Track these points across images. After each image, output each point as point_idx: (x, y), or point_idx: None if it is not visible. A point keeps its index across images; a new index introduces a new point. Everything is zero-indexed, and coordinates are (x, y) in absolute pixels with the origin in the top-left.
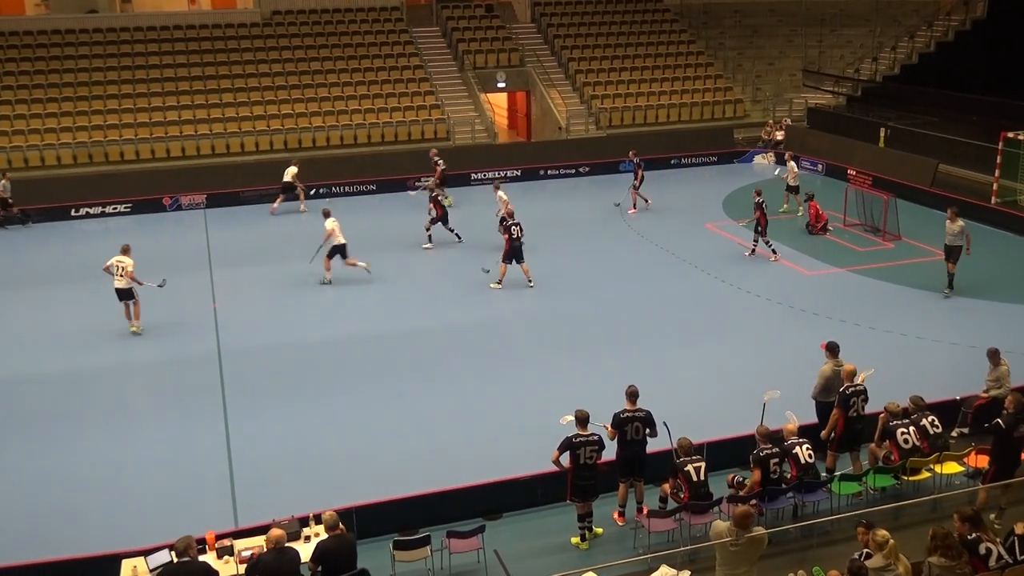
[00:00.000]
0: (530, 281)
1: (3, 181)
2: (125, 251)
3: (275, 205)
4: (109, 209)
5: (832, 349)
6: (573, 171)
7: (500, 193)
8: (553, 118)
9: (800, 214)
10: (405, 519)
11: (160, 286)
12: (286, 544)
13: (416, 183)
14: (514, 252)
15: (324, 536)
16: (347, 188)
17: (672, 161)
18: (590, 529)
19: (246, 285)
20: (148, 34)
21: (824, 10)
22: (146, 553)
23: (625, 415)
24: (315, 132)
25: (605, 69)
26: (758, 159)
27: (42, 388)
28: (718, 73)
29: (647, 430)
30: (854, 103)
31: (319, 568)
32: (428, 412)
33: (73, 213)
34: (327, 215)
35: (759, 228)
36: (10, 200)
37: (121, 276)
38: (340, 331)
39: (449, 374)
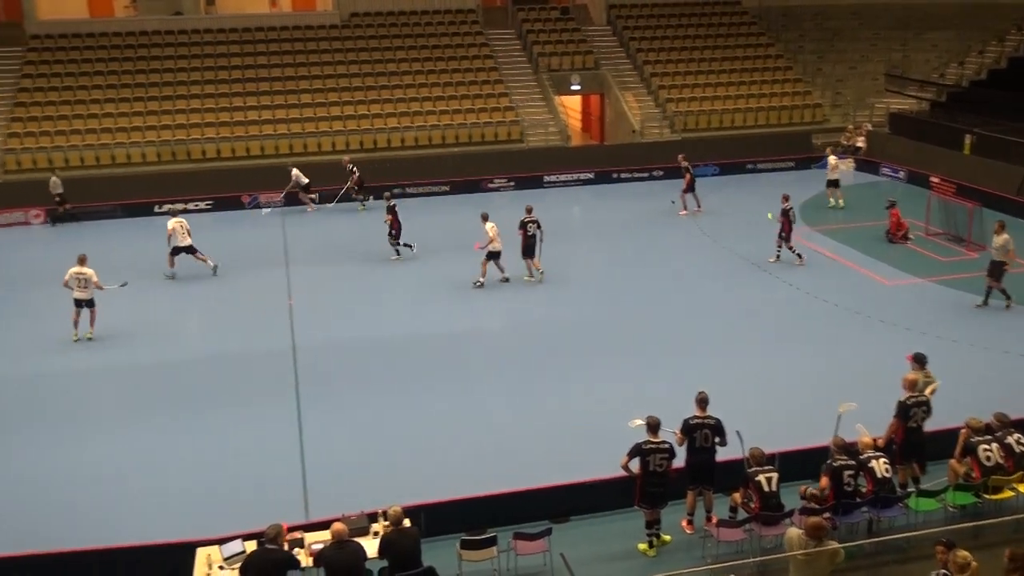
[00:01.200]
0: (531, 275)
1: (54, 178)
2: (82, 261)
3: (310, 208)
4: (191, 206)
5: (919, 360)
6: (647, 175)
7: (488, 225)
8: (627, 121)
9: (838, 206)
10: (472, 518)
11: (122, 286)
12: (350, 539)
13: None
14: (528, 248)
15: (390, 529)
16: (421, 189)
17: (748, 166)
18: (658, 536)
19: (322, 282)
20: (230, 35)
21: (909, 13)
22: (220, 542)
23: (694, 421)
24: (390, 133)
25: (681, 72)
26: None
27: (133, 377)
28: (797, 77)
29: (716, 438)
30: (938, 109)
31: (385, 561)
32: (497, 411)
33: (156, 209)
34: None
35: (783, 234)
36: (57, 197)
37: (83, 288)
38: (413, 329)
39: (520, 374)
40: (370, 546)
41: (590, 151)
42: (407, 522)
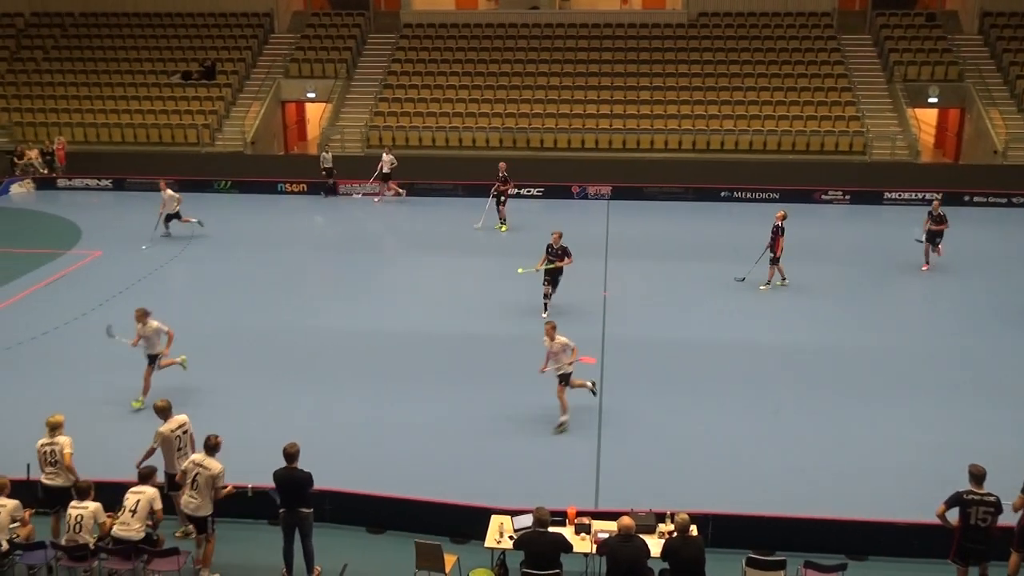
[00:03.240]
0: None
1: (325, 154)
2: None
3: (377, 198)
4: (523, 191)
5: None
6: (1004, 200)
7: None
8: (989, 140)
9: None
10: (762, 537)
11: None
12: (636, 534)
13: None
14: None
15: (675, 535)
16: (747, 194)
17: None
18: None
19: (637, 277)
20: (580, 31)
21: None
22: (514, 514)
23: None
24: (724, 135)
25: None
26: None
27: (437, 345)
28: None
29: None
30: None
31: (666, 564)
32: (798, 430)
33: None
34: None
35: (774, 254)
36: (324, 172)
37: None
38: (721, 335)
39: (831, 395)
40: (654, 545)
41: (941, 169)
42: (694, 530)
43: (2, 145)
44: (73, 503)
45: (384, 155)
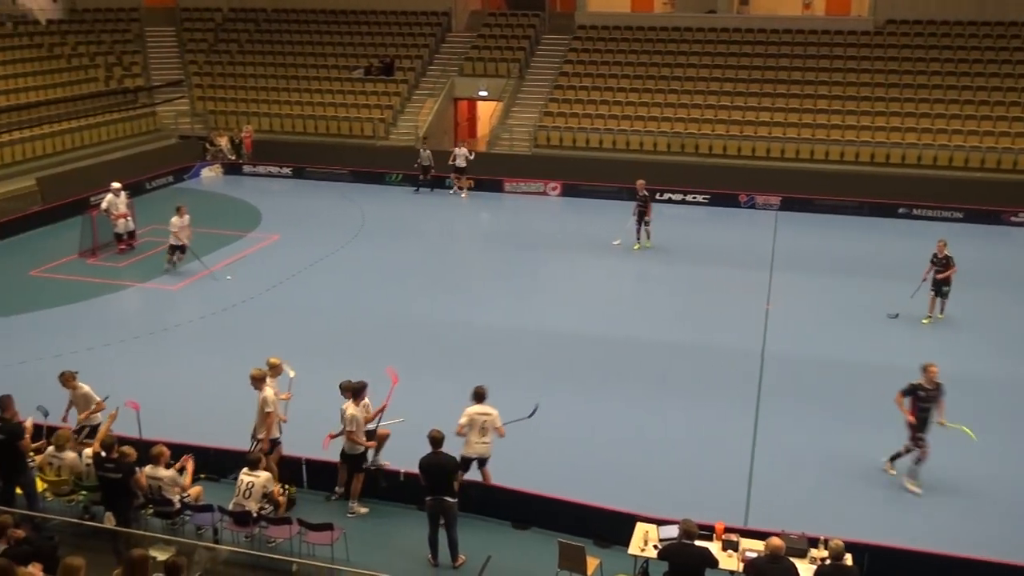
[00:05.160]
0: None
1: (424, 151)
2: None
3: (464, 194)
4: (689, 198)
5: None
6: None
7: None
8: None
9: None
10: (921, 575)
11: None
12: (785, 556)
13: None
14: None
15: (827, 562)
16: (928, 212)
17: None
18: None
19: (803, 292)
20: (758, 36)
21: None
22: (659, 523)
23: None
24: (906, 148)
25: None
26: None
27: (596, 347)
28: None
29: None
30: None
31: None
32: (971, 466)
33: (656, 197)
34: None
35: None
36: (424, 168)
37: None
38: (888, 358)
39: (1009, 429)
40: (804, 570)
41: None
42: (848, 559)
43: (197, 132)
44: (245, 470)
45: (457, 148)
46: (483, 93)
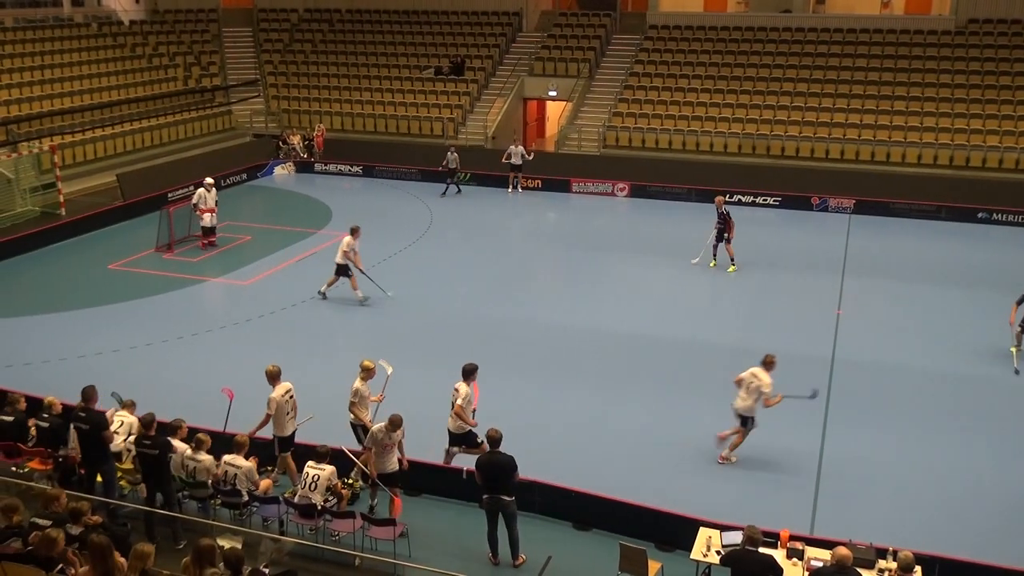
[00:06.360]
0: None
1: (451, 153)
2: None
3: (517, 190)
4: (759, 200)
5: None
6: None
7: None
8: None
9: None
10: None
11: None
12: (852, 566)
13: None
14: None
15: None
16: (1010, 217)
17: None
18: None
19: (876, 298)
20: (835, 35)
21: None
22: (723, 528)
23: None
24: (987, 151)
25: None
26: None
27: (662, 350)
28: None
29: None
30: None
31: None
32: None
33: (727, 199)
34: None
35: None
36: (444, 168)
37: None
38: (966, 369)
39: None
40: None
41: None
42: (918, 572)
43: (270, 130)
44: (310, 463)
45: (512, 147)
46: (552, 93)
